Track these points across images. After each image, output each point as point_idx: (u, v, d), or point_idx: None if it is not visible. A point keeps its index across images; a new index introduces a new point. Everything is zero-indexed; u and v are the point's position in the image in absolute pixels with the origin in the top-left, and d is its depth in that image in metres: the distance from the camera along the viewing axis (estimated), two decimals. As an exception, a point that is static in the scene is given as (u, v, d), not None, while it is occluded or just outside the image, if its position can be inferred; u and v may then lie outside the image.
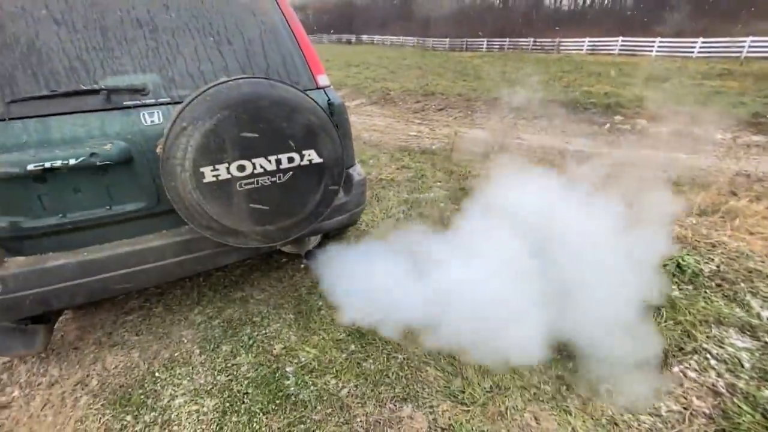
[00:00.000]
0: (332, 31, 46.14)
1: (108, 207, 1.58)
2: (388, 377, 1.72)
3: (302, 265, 2.54)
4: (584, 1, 40.64)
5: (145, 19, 1.59)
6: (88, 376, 1.80)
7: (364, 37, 43.62)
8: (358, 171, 2.16)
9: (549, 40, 24.77)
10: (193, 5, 1.69)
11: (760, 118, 6.21)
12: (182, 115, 1.41)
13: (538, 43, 25.48)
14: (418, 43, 34.48)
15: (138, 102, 1.56)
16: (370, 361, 1.81)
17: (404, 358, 1.81)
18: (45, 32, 1.45)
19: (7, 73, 1.40)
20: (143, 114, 1.55)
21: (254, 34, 1.78)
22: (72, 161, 1.43)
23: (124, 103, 1.54)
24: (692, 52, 17.28)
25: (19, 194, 1.44)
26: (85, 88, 1.47)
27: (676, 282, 2.25)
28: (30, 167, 1.39)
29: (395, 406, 1.60)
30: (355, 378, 1.72)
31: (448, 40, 31.22)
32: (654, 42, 19.16)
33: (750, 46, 15.23)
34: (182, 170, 1.42)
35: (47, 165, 1.40)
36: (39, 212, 1.48)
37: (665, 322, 1.94)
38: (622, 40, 20.82)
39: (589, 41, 22.55)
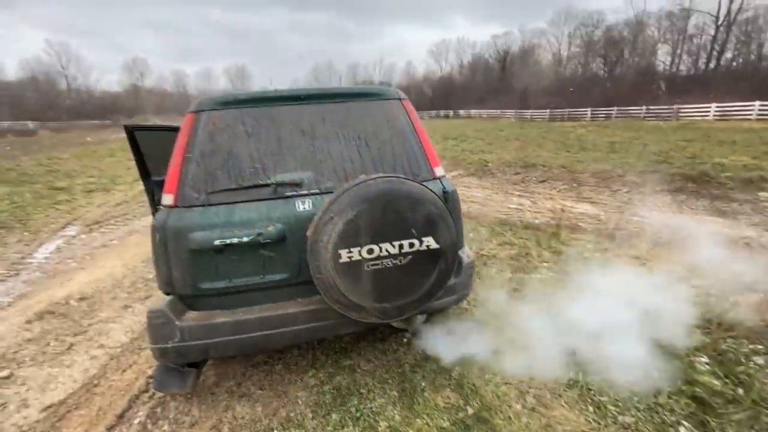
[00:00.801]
0: (432, 108, 49.83)
1: (262, 276, 1.92)
2: (497, 480, 1.61)
3: (405, 340, 2.61)
4: (707, 65, 37.35)
5: (307, 129, 2.03)
6: (221, 422, 2.05)
7: (461, 112, 45.97)
8: (467, 254, 2.25)
9: (665, 107, 22.98)
10: (341, 116, 2.10)
11: None
12: (331, 207, 1.71)
13: (651, 111, 23.79)
14: (516, 115, 34.93)
15: (295, 192, 1.94)
16: (476, 457, 1.72)
17: (514, 461, 1.69)
18: (239, 143, 1.95)
19: (210, 172, 1.89)
20: (297, 202, 1.92)
21: (386, 137, 2.11)
22: (245, 239, 1.81)
23: (285, 193, 1.93)
24: None
25: (204, 262, 1.85)
26: (260, 182, 1.90)
27: None
28: (216, 243, 1.80)
29: None
30: (462, 475, 1.65)
31: (548, 111, 31.06)
32: (808, 105, 16.42)
33: None
34: (325, 251, 1.69)
35: (227, 241, 1.81)
36: (214, 276, 1.88)
37: None
38: (761, 104, 18.30)
39: (717, 107, 20.31)
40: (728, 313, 2.65)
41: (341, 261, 1.70)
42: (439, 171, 2.20)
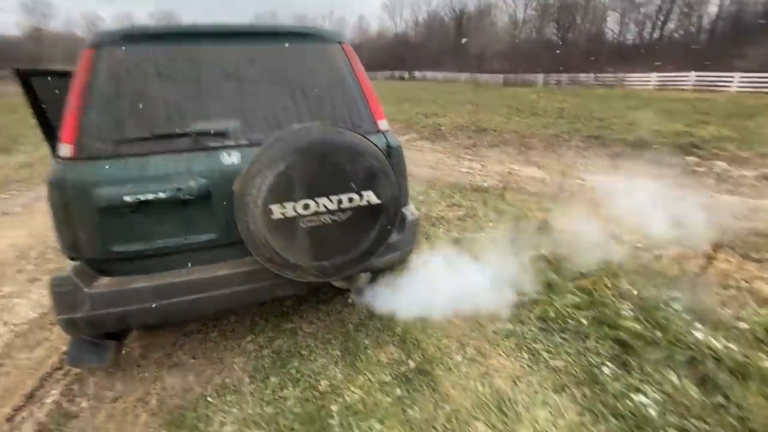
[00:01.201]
0: (386, 68, 48.68)
1: (185, 237, 1.78)
2: (435, 428, 1.69)
3: (349, 300, 2.62)
4: (651, 35, 39.59)
5: (233, 72, 1.84)
6: (148, 394, 1.95)
7: (417, 74, 45.42)
8: (411, 211, 2.24)
9: (612, 75, 24.24)
10: (273, 58, 1.93)
11: None
12: (259, 158, 1.59)
13: (599, 79, 25.00)
14: (471, 79, 35.21)
15: (220, 144, 1.78)
16: (417, 408, 1.79)
17: (452, 410, 1.78)
18: (151, 86, 1.73)
19: (117, 118, 1.68)
20: (223, 154, 1.77)
21: (324, 84, 1.98)
22: (161, 195, 1.65)
23: (209, 144, 1.76)
24: (780, 87, 16.08)
25: (114, 222, 1.67)
26: (178, 131, 1.72)
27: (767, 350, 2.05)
28: (127, 199, 1.62)
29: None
30: (400, 425, 1.71)
31: (502, 76, 31.59)
32: (733, 77, 18.08)
33: None
34: (254, 207, 1.59)
35: (141, 198, 1.63)
36: (128, 238, 1.71)
37: (754, 396, 1.76)
38: (696, 75, 19.87)
39: (657, 76, 21.77)
40: (652, 263, 2.93)
41: (273, 217, 1.61)
42: (383, 124, 2.12)
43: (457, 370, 2.02)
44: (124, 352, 2.25)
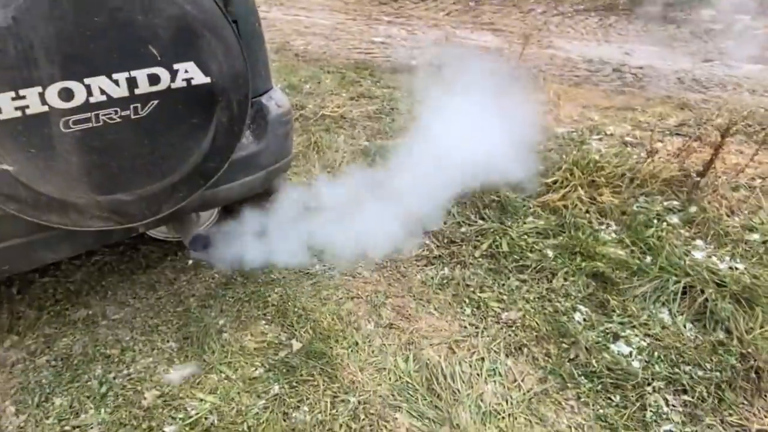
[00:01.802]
0: None
1: None
2: (333, 432, 1.76)
3: (189, 262, 2.54)
4: None
5: None
6: None
7: None
8: (277, 99, 2.15)
9: None
10: None
11: None
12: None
13: None
14: None
15: None
16: (305, 408, 1.84)
17: (360, 401, 1.85)
18: None
19: None
20: None
21: None
22: None
23: None
24: None
25: None
26: None
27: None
28: None
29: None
30: (283, 439, 1.75)
31: None
32: None
33: None
34: (-41, 98, 1.35)
35: None
36: None
37: (761, 328, 2.08)
38: None
39: None
40: (644, 164, 3.21)
41: (2, 117, 1.39)
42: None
43: (368, 345, 2.09)
44: None
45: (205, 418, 1.80)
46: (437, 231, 2.73)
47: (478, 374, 1.95)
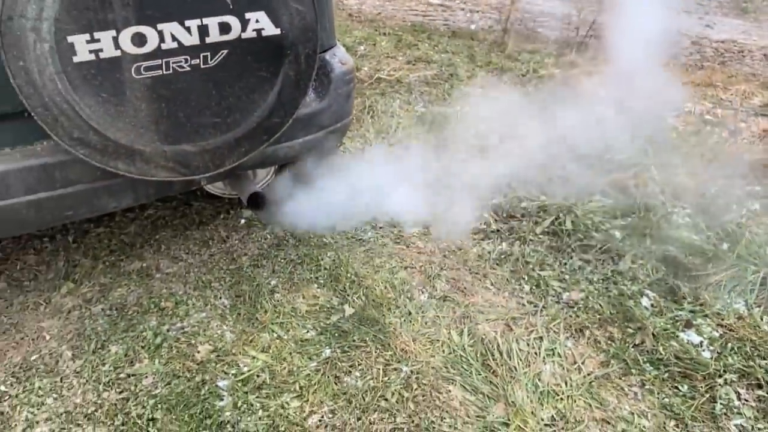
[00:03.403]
0: None
1: None
2: (386, 400, 1.78)
3: (242, 221, 2.58)
4: None
5: None
6: None
7: None
8: (341, 57, 2.15)
9: None
10: None
11: None
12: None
13: None
14: None
15: None
16: (356, 374, 1.87)
17: (412, 371, 1.88)
18: None
19: None
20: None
21: None
22: None
23: None
24: None
25: None
26: None
27: None
28: None
29: (392, 446, 1.68)
30: (332, 399, 1.78)
31: None
32: None
33: None
34: (37, 39, 1.40)
35: None
36: None
37: None
38: None
39: None
40: (725, 145, 3.10)
41: (77, 60, 1.44)
42: None
43: (421, 315, 2.10)
44: None
45: (257, 376, 1.86)
46: (496, 204, 2.71)
47: (535, 353, 1.94)
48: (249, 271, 2.32)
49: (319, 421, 1.73)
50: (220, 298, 2.19)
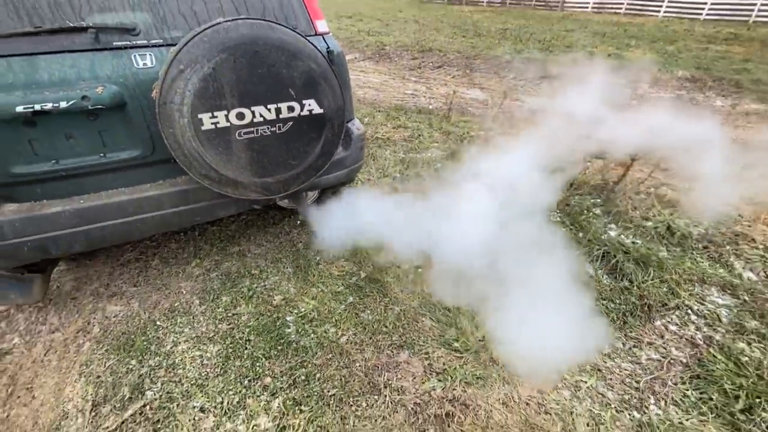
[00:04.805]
0: (322, -23, 43.34)
1: (102, 154, 1.56)
2: (386, 327, 1.82)
3: (299, 222, 2.58)
4: (593, -46, 38.68)
5: None
6: (89, 324, 1.86)
7: (357, -14, 41.24)
8: (357, 125, 2.15)
9: (553, -4, 23.80)
10: None
11: (762, 85, 6.22)
12: (179, 57, 1.37)
13: (540, 0, 24.50)
14: (414, -5, 32.77)
15: (128, 43, 1.50)
16: (368, 311, 1.90)
17: (401, 310, 1.90)
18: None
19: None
20: (134, 56, 1.51)
21: (250, -27, 1.70)
22: (63, 104, 1.40)
23: (114, 43, 1.48)
24: (701, 14, 16.91)
25: (9, 138, 1.41)
26: (71, 25, 1.41)
27: (665, 243, 2.37)
28: (19, 109, 1.35)
29: (392, 352, 1.70)
30: (354, 327, 1.81)
31: (446, -8, 29.72)
32: (663, 2, 18.61)
33: (759, 11, 14.94)
34: (180, 116, 1.41)
35: (37, 107, 1.37)
36: (31, 158, 1.47)
37: (652, 280, 2.06)
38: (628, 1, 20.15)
39: (595, -1, 21.74)
40: (580, 176, 3.15)
41: (204, 128, 1.44)
42: (322, 26, 1.91)
43: (405, 278, 2.13)
44: (54, 286, 2.08)
45: (310, 313, 1.88)
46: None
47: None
48: (303, 252, 2.33)
49: (347, 340, 1.76)
50: (287, 267, 2.20)
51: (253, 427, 1.42)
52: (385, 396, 1.53)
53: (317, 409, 1.48)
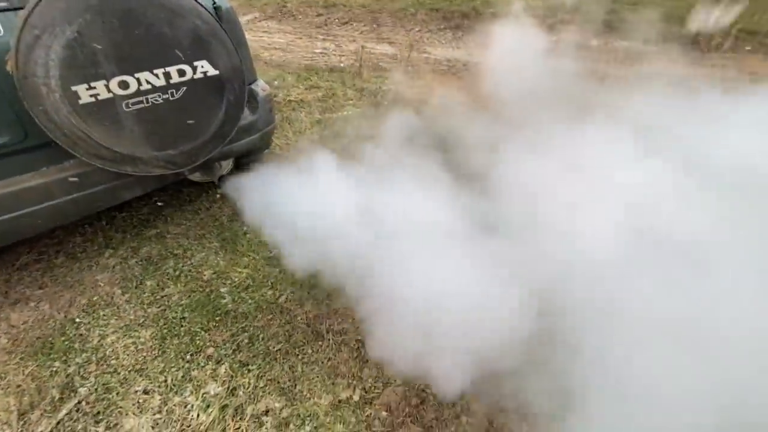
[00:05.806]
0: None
1: (-41, 144, 1.33)
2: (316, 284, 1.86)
3: (218, 195, 2.46)
4: None
5: None
6: (-8, 337, 1.65)
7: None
8: (261, 86, 2.07)
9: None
10: None
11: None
12: (30, 22, 1.17)
13: (439, -53, 24.15)
14: (311, -54, 30.32)
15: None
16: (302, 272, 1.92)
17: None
18: None
19: None
20: (-27, 23, 1.26)
21: None
22: None
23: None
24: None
25: None
26: None
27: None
28: None
29: (331, 302, 1.77)
30: (291, 286, 1.84)
31: (344, -58, 27.91)
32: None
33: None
34: (49, 91, 1.24)
35: None
36: None
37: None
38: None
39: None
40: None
41: (82, 102, 1.29)
42: (202, -19, 1.73)
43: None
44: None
45: (244, 281, 1.87)
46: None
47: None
48: (228, 224, 2.24)
49: (286, 299, 1.79)
50: (212, 242, 2.12)
51: (202, 395, 1.43)
52: (329, 340, 1.61)
53: (265, 365, 1.52)
